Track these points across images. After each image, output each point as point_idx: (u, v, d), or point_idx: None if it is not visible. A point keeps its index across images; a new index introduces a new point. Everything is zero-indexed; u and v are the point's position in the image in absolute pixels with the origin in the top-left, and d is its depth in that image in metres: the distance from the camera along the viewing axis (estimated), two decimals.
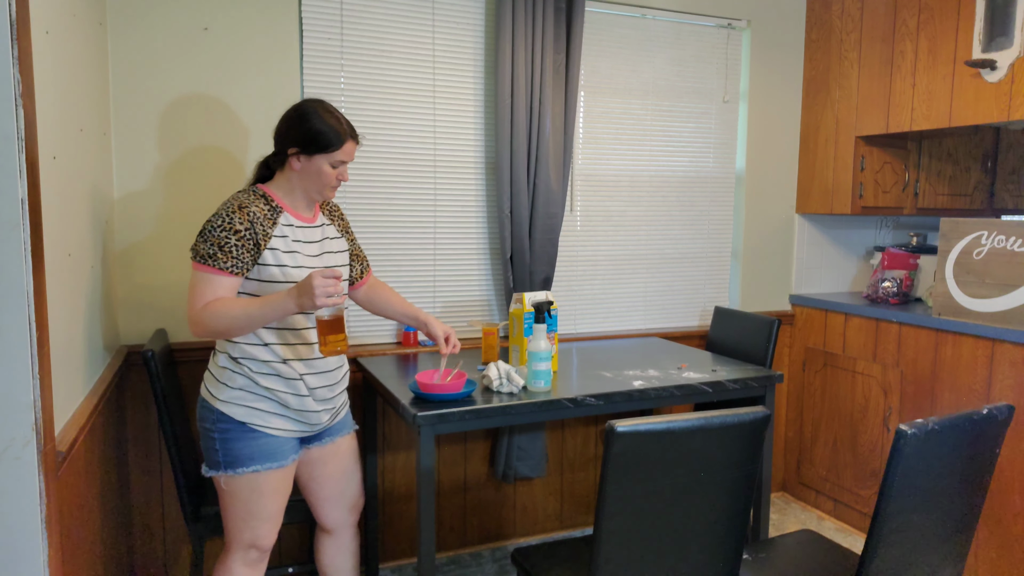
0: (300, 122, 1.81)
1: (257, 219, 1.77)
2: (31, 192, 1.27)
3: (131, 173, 2.42)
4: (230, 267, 1.73)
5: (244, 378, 1.83)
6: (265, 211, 1.81)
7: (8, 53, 1.20)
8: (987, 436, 1.68)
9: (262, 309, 1.71)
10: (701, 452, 1.54)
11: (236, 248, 1.73)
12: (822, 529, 3.26)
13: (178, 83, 2.44)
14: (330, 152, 1.82)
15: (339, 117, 1.85)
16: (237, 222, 1.74)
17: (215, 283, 1.73)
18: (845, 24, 3.27)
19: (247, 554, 1.90)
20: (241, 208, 1.76)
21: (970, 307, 2.74)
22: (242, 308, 1.71)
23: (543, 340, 2.16)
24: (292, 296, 1.69)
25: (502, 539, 3.09)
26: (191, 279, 1.76)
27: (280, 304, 1.71)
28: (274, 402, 1.85)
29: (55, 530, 1.32)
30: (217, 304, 1.72)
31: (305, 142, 1.80)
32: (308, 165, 1.83)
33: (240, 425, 1.82)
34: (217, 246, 1.72)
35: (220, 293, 1.74)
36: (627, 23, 3.12)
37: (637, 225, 3.25)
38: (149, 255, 2.46)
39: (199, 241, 1.74)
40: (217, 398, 1.83)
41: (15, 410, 1.25)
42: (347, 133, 1.84)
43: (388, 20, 2.71)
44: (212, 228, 1.73)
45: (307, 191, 1.88)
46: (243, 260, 1.75)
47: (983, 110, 2.71)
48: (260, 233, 1.77)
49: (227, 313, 1.70)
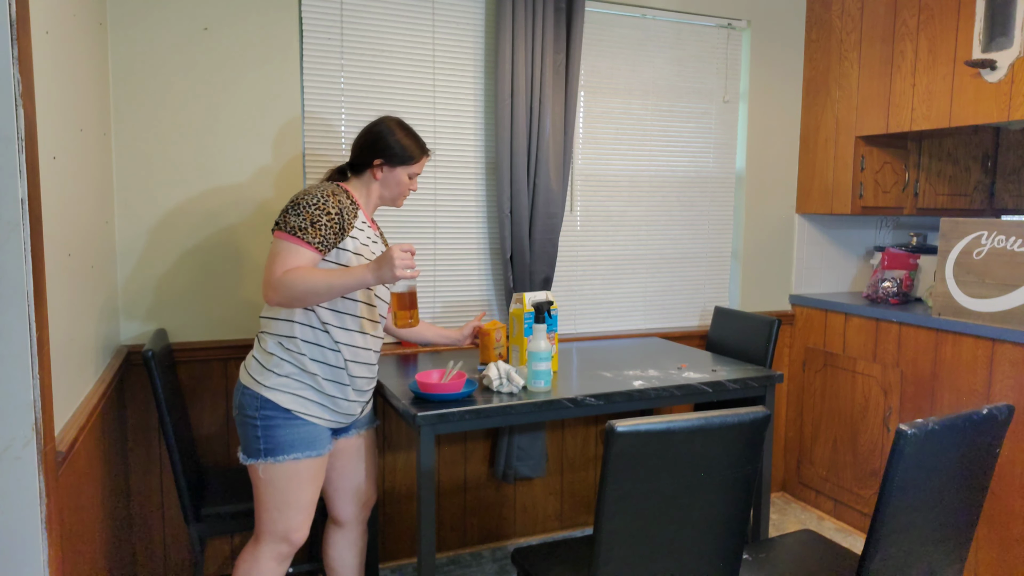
0: (387, 136, 1.99)
1: (344, 207, 1.88)
2: (31, 192, 1.27)
3: (131, 173, 2.42)
4: (317, 243, 1.81)
5: (291, 365, 1.88)
6: (347, 204, 1.91)
7: (8, 53, 1.20)
8: (987, 436, 1.68)
9: (343, 278, 1.78)
10: (701, 452, 1.54)
11: (325, 227, 1.82)
12: (822, 529, 3.26)
13: (178, 83, 2.44)
14: (411, 164, 2.01)
15: (416, 135, 2.04)
16: (331, 204, 1.84)
17: (300, 254, 1.81)
18: (845, 24, 3.27)
19: (279, 547, 1.93)
20: (334, 194, 1.88)
21: (970, 307, 2.74)
22: (324, 275, 1.78)
23: (543, 340, 2.16)
24: (372, 268, 1.78)
25: (502, 539, 3.09)
26: (273, 248, 1.82)
27: (360, 275, 1.79)
28: (316, 390, 1.90)
29: (55, 530, 1.32)
30: (299, 271, 1.78)
31: (390, 155, 1.98)
32: (390, 175, 2.01)
33: (285, 412, 1.87)
34: (309, 221, 1.81)
35: (301, 264, 1.81)
36: (627, 23, 3.12)
37: (637, 225, 3.25)
38: (149, 255, 2.46)
39: (290, 213, 1.82)
40: (263, 384, 1.87)
41: (15, 410, 1.25)
42: (424, 149, 2.05)
43: (388, 20, 2.71)
44: (307, 204, 1.82)
45: (384, 198, 2.05)
46: (328, 240, 1.83)
47: (983, 110, 2.70)
48: (347, 219, 1.88)
49: (309, 278, 1.77)
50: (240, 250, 2.56)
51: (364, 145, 2.02)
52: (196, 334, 2.53)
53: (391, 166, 2.00)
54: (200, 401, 2.56)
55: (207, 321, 2.55)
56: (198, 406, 2.56)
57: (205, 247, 2.52)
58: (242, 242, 2.56)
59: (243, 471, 2.47)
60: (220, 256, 2.54)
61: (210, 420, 2.58)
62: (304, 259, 1.81)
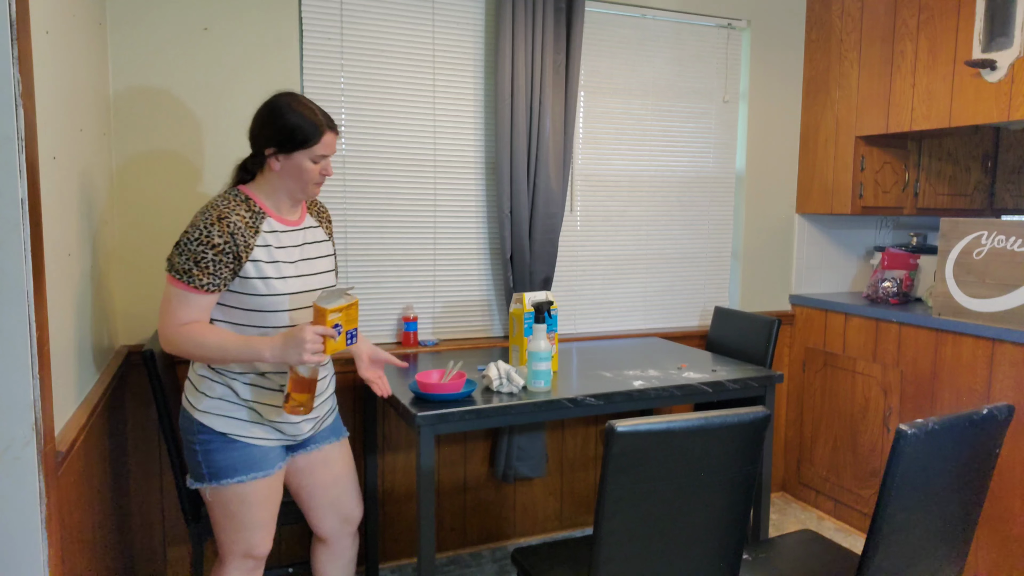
0: (273, 119, 1.70)
1: (238, 230, 1.66)
2: (31, 192, 1.26)
3: (131, 173, 2.41)
4: (206, 284, 1.64)
5: (223, 387, 1.76)
6: (247, 218, 1.70)
7: (8, 53, 1.20)
8: (987, 436, 1.68)
9: (239, 350, 1.64)
10: (701, 452, 1.54)
11: (214, 263, 1.63)
12: (822, 529, 3.26)
13: (178, 83, 2.44)
14: (309, 147, 1.71)
15: (314, 108, 1.73)
16: (216, 235, 1.63)
17: (190, 302, 1.65)
18: (845, 24, 3.27)
19: (244, 563, 1.85)
20: (221, 219, 1.65)
21: (970, 307, 2.74)
22: (218, 342, 1.64)
23: (543, 340, 2.16)
24: (276, 346, 1.63)
25: (502, 539, 3.09)
26: (165, 291, 1.67)
27: (258, 350, 1.64)
28: (251, 410, 1.78)
29: (55, 530, 1.32)
30: (192, 330, 1.64)
31: (281, 140, 1.70)
32: (288, 164, 1.72)
33: (221, 436, 1.76)
34: (193, 261, 1.62)
35: (195, 313, 1.66)
36: (627, 23, 3.12)
37: (637, 225, 3.25)
38: (149, 255, 2.46)
39: (174, 254, 1.64)
40: (197, 408, 1.76)
41: (15, 410, 1.25)
42: (324, 124, 1.72)
43: (388, 20, 2.71)
44: (188, 241, 1.63)
45: (290, 192, 1.77)
46: (221, 276, 1.65)
47: (983, 110, 2.70)
48: (241, 245, 1.67)
49: (201, 343, 1.64)
50: None
51: (252, 134, 1.75)
52: None
53: (286, 153, 1.70)
54: None
55: None
56: None
57: None
58: None
59: None
60: None
61: None
62: (196, 306, 1.65)
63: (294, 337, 1.60)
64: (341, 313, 1.68)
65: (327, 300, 1.66)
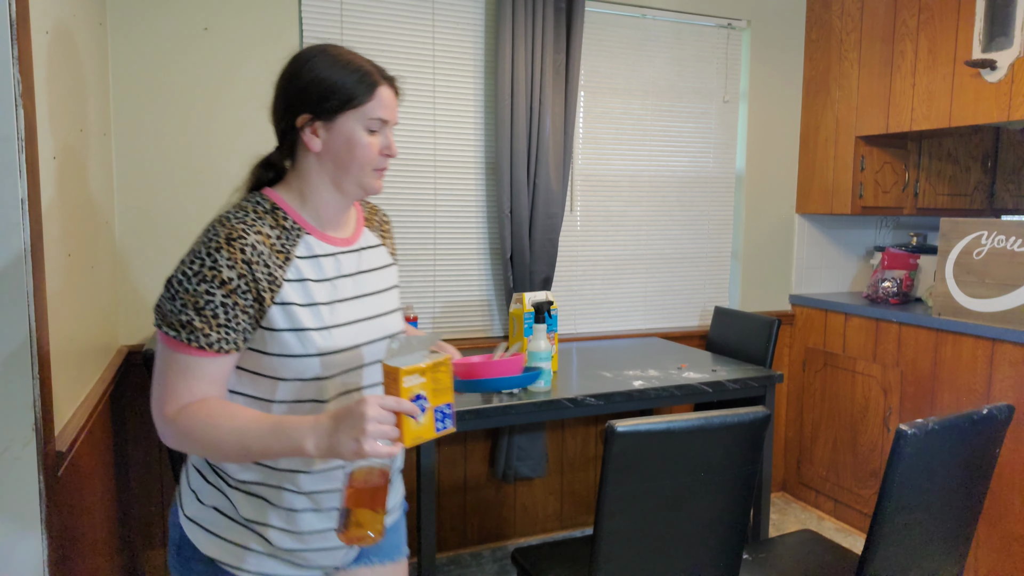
0: (303, 72, 1.16)
1: (259, 255, 1.09)
2: (31, 192, 1.27)
3: (131, 173, 2.41)
4: (216, 342, 1.06)
5: (217, 494, 1.18)
6: (273, 238, 1.13)
7: (8, 53, 1.20)
8: (987, 436, 1.68)
9: (267, 437, 1.03)
10: (701, 452, 1.54)
11: (224, 309, 1.06)
12: (822, 529, 3.26)
13: (178, 83, 2.44)
14: (359, 105, 1.14)
15: (360, 57, 1.18)
16: (224, 265, 1.06)
17: (192, 370, 1.06)
18: (845, 24, 3.27)
19: None
20: (232, 241, 1.07)
21: (970, 307, 2.74)
22: (234, 429, 1.04)
23: (543, 340, 2.16)
24: (322, 429, 1.01)
25: (502, 539, 3.09)
26: (156, 355, 1.09)
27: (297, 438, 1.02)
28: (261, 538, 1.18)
29: (55, 530, 1.32)
30: (197, 416, 1.05)
31: (319, 98, 1.14)
32: (333, 136, 1.15)
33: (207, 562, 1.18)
34: (193, 308, 1.05)
35: (201, 387, 1.07)
36: (627, 23, 3.12)
37: (637, 225, 3.25)
38: (149, 255, 2.46)
39: (164, 299, 1.07)
40: (183, 510, 1.22)
41: (15, 410, 1.25)
42: (379, 74, 1.17)
43: (388, 20, 2.71)
44: (184, 278, 1.05)
45: (339, 186, 1.18)
46: (236, 327, 1.07)
47: (983, 110, 2.70)
48: (263, 279, 1.09)
49: (210, 435, 1.04)
50: None
51: (277, 105, 1.21)
52: None
53: (327, 118, 1.14)
54: None
55: None
56: None
57: None
58: None
59: None
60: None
61: None
62: (202, 375, 1.07)
63: (351, 415, 0.99)
64: (424, 377, 1.06)
65: (401, 354, 1.09)
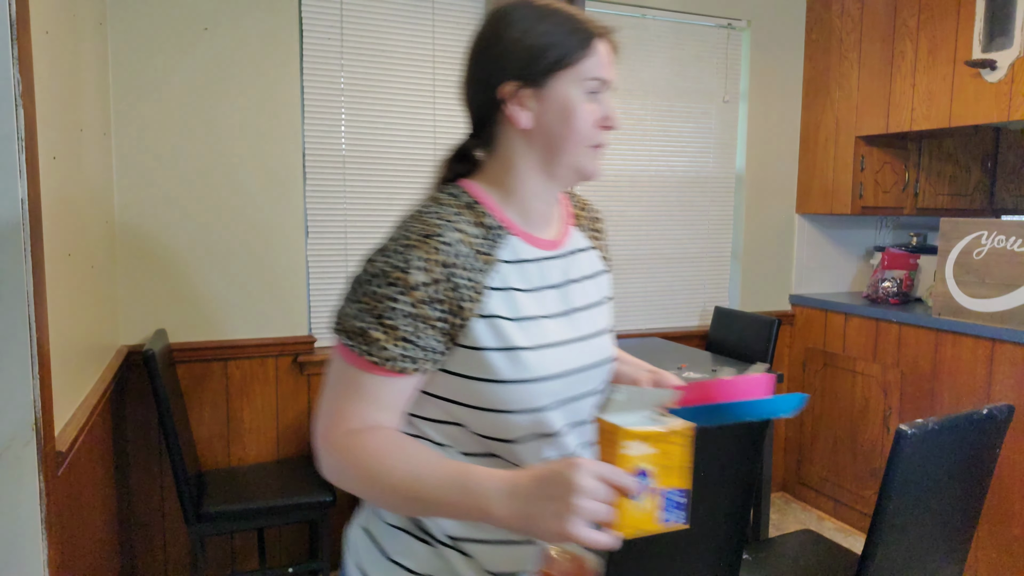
0: (508, 31, 0.96)
1: (460, 256, 0.90)
2: (31, 192, 1.27)
3: (131, 173, 2.41)
4: (396, 359, 0.87)
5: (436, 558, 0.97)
6: (475, 238, 0.93)
7: (8, 53, 1.20)
8: (987, 436, 1.68)
9: (442, 491, 0.82)
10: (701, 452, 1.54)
11: (409, 320, 0.87)
12: (822, 529, 3.26)
13: (178, 83, 2.44)
14: (574, 63, 0.95)
15: (568, 5, 1.02)
16: (416, 266, 0.87)
17: (366, 389, 0.88)
18: (845, 24, 3.27)
19: None
20: (428, 238, 0.90)
21: (970, 307, 2.74)
22: (408, 474, 0.84)
23: None
24: (518, 493, 0.79)
25: None
26: (331, 365, 0.92)
27: (481, 500, 0.80)
28: None
29: (55, 530, 1.32)
30: (366, 445, 0.87)
31: (528, 59, 0.94)
32: (545, 106, 0.95)
33: None
34: (373, 316, 0.86)
35: (373, 412, 0.88)
36: (627, 23, 3.12)
37: (637, 225, 3.25)
38: (149, 255, 2.46)
39: (347, 301, 0.90)
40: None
41: (15, 410, 1.25)
42: (593, 24, 1.01)
43: (388, 20, 2.71)
44: (369, 277, 0.88)
45: (552, 169, 0.98)
46: (421, 344, 0.88)
47: (983, 110, 2.70)
48: (464, 284, 0.89)
49: (380, 468, 0.85)
50: (240, 250, 2.56)
51: (473, 74, 1.03)
52: (196, 334, 2.53)
53: (539, 84, 0.94)
54: (200, 401, 2.56)
55: (207, 321, 2.54)
56: (198, 406, 2.56)
57: (205, 247, 2.52)
58: (242, 242, 2.56)
59: (243, 471, 2.47)
60: (220, 256, 2.54)
61: (210, 420, 2.58)
62: (377, 397, 0.88)
63: (556, 480, 0.77)
64: (655, 447, 0.80)
65: (623, 410, 0.83)
